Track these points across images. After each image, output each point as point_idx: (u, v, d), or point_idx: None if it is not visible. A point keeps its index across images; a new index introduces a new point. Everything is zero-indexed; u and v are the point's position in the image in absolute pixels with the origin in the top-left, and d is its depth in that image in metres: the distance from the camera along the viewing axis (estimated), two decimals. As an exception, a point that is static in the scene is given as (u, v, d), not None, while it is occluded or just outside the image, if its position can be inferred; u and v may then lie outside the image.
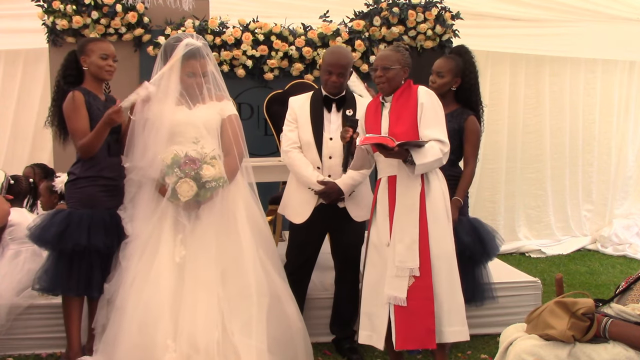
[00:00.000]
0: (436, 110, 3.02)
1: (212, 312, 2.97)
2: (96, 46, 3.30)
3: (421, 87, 3.07)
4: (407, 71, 3.10)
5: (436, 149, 2.91)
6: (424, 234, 2.93)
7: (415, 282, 2.92)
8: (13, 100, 5.72)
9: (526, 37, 6.18)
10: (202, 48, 3.15)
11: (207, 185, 3.01)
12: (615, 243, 6.34)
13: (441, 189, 3.03)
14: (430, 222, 2.95)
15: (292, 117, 3.51)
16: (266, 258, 3.17)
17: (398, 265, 2.94)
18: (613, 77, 6.58)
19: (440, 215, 2.99)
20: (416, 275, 2.91)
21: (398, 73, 3.06)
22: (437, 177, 3.04)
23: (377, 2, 5.26)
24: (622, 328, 2.25)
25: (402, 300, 2.92)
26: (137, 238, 3.11)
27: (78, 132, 3.23)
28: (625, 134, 6.69)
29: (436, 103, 3.05)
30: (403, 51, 3.14)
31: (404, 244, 2.94)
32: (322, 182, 3.38)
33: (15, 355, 3.61)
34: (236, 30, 5.07)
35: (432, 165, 2.94)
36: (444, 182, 3.07)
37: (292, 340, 3.14)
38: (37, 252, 3.62)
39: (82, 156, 3.27)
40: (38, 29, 5.06)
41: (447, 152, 2.95)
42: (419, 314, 2.91)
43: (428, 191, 2.98)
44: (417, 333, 2.92)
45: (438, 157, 2.91)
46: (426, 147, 2.91)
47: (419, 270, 2.90)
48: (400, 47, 3.18)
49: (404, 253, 2.93)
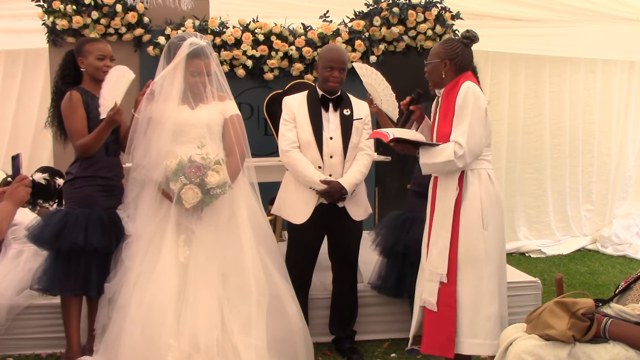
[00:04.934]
0: (464, 109, 2.83)
1: (213, 311, 2.97)
2: (92, 47, 3.29)
3: (464, 84, 2.88)
4: (448, 64, 2.93)
5: (449, 151, 2.81)
6: (455, 240, 2.86)
7: (441, 288, 2.89)
8: (13, 100, 5.72)
9: (526, 37, 6.18)
10: (206, 47, 3.14)
11: (211, 192, 3.01)
12: (615, 243, 6.34)
13: (479, 196, 2.88)
14: (462, 229, 2.87)
15: (289, 116, 3.47)
16: (267, 257, 3.16)
17: (431, 270, 2.92)
18: (613, 77, 6.59)
19: (474, 222, 2.87)
20: (444, 281, 2.87)
21: (436, 67, 2.97)
22: (478, 182, 2.90)
23: (377, 2, 5.26)
24: (622, 328, 2.25)
25: (433, 305, 2.90)
26: (139, 238, 3.10)
27: (76, 131, 3.22)
28: (625, 134, 6.70)
29: (468, 101, 2.84)
30: (449, 42, 2.98)
31: (437, 248, 2.91)
32: (325, 182, 3.38)
33: (15, 355, 3.61)
34: (236, 30, 5.08)
35: (441, 167, 2.85)
36: (488, 188, 2.91)
37: (292, 339, 3.13)
38: (39, 252, 3.61)
39: (80, 155, 3.27)
40: (38, 29, 5.06)
41: (462, 154, 2.79)
42: (442, 321, 2.88)
43: (464, 196, 2.88)
44: (439, 339, 2.90)
45: (448, 160, 2.80)
46: (439, 147, 2.83)
47: (446, 276, 2.87)
48: (449, 39, 3.04)
49: (436, 257, 2.90)
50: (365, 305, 3.82)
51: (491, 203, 2.89)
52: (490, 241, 2.88)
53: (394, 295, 3.75)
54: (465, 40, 2.98)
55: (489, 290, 2.87)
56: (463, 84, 2.87)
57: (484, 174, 2.91)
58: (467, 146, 2.79)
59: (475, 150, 2.83)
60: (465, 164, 2.84)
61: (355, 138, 3.47)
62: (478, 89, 2.89)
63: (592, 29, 6.20)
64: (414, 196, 3.68)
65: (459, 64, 2.94)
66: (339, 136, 3.44)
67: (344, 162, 3.46)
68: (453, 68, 2.95)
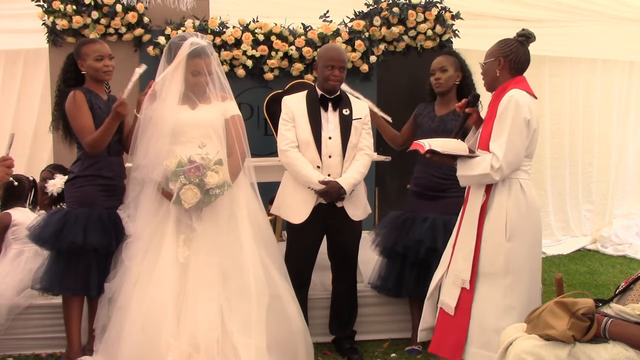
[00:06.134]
0: (505, 120, 2.75)
1: (213, 311, 2.97)
2: (89, 49, 3.28)
3: (510, 92, 2.79)
4: (502, 61, 2.86)
5: (485, 164, 2.75)
6: (477, 247, 2.84)
7: (462, 294, 2.87)
8: (13, 100, 5.73)
9: (526, 37, 6.18)
10: (206, 47, 3.14)
11: (210, 192, 3.01)
12: (615, 243, 6.34)
13: (505, 206, 2.80)
14: (484, 237, 2.83)
15: (288, 116, 3.47)
16: (267, 257, 3.16)
17: (455, 274, 2.90)
18: (613, 77, 6.59)
19: (496, 232, 2.81)
20: (466, 287, 2.85)
21: (491, 66, 2.91)
22: (507, 192, 2.82)
23: (377, 2, 5.26)
24: (622, 328, 2.25)
25: (451, 309, 2.89)
26: (139, 238, 3.11)
27: (84, 129, 3.22)
28: (625, 134, 6.70)
29: (509, 111, 2.75)
30: (504, 40, 2.92)
31: (462, 253, 2.89)
32: (324, 182, 3.38)
33: (15, 355, 3.61)
34: (236, 30, 5.08)
35: (477, 179, 2.81)
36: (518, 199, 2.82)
37: (292, 339, 3.13)
38: (39, 252, 3.61)
39: (90, 153, 3.25)
40: (38, 29, 5.06)
41: (499, 167, 2.72)
42: (455, 326, 2.86)
43: (490, 205, 2.84)
44: (449, 343, 2.89)
45: (485, 173, 2.75)
46: (476, 160, 2.80)
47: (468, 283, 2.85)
48: (505, 38, 2.95)
49: (460, 262, 2.89)
50: (365, 305, 3.82)
51: (519, 214, 2.80)
52: (515, 253, 2.79)
53: (394, 295, 3.75)
54: (520, 37, 2.91)
55: (505, 303, 2.79)
56: (509, 91, 2.79)
57: (515, 184, 2.83)
58: (505, 159, 2.73)
59: (514, 163, 2.77)
60: (503, 177, 2.77)
61: (354, 138, 3.47)
62: (523, 98, 2.78)
63: (592, 29, 6.20)
64: (414, 196, 3.68)
65: (514, 62, 2.87)
66: (337, 136, 3.44)
67: (343, 162, 3.45)
68: (507, 67, 2.87)
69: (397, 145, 3.89)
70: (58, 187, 3.89)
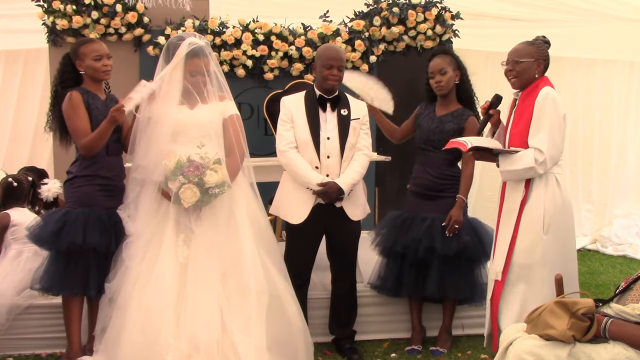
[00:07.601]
0: (544, 116, 2.87)
1: (213, 311, 2.97)
2: (87, 49, 3.27)
3: (544, 90, 2.92)
4: (541, 64, 2.97)
5: (529, 158, 2.83)
6: (512, 242, 2.91)
7: (495, 286, 2.96)
8: (13, 100, 5.73)
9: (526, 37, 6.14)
10: (205, 47, 3.15)
11: (210, 191, 3.01)
12: (615, 243, 6.34)
13: (543, 200, 2.90)
14: (521, 232, 2.90)
15: (287, 116, 3.46)
16: (267, 257, 3.16)
17: (493, 268, 2.99)
18: (613, 77, 6.58)
19: (534, 226, 2.89)
20: (498, 279, 2.93)
21: (530, 66, 2.97)
22: (544, 186, 2.91)
23: (377, 2, 5.26)
24: (622, 328, 2.25)
25: (487, 302, 3.01)
26: (139, 238, 3.11)
27: (79, 130, 3.22)
28: (625, 134, 6.69)
29: (548, 107, 2.88)
30: (539, 44, 3.00)
31: (500, 248, 2.96)
32: (322, 183, 3.37)
33: (15, 355, 3.61)
34: (236, 30, 5.07)
35: (521, 174, 2.88)
36: (554, 193, 2.92)
37: (292, 339, 3.13)
38: (38, 252, 3.61)
39: (84, 155, 3.26)
40: (38, 29, 5.06)
41: (543, 161, 2.83)
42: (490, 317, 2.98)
43: (528, 199, 2.91)
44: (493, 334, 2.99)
45: (529, 167, 2.83)
46: (519, 154, 2.85)
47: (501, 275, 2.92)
48: (537, 39, 3.04)
49: (498, 256, 2.96)
50: (365, 305, 3.82)
51: (556, 208, 2.90)
52: (551, 246, 2.88)
53: (394, 295, 3.75)
54: (546, 43, 3.02)
55: (542, 294, 2.84)
56: (542, 89, 2.90)
57: (551, 179, 2.93)
58: (548, 152, 2.83)
59: (555, 157, 2.88)
60: (545, 170, 2.87)
61: (353, 138, 3.47)
62: (557, 95, 2.92)
63: (592, 29, 6.19)
64: (413, 196, 3.68)
65: (546, 66, 2.99)
66: (336, 136, 3.44)
67: (341, 162, 3.45)
68: (542, 69, 2.98)
69: (395, 139, 3.90)
70: (53, 192, 3.89)
